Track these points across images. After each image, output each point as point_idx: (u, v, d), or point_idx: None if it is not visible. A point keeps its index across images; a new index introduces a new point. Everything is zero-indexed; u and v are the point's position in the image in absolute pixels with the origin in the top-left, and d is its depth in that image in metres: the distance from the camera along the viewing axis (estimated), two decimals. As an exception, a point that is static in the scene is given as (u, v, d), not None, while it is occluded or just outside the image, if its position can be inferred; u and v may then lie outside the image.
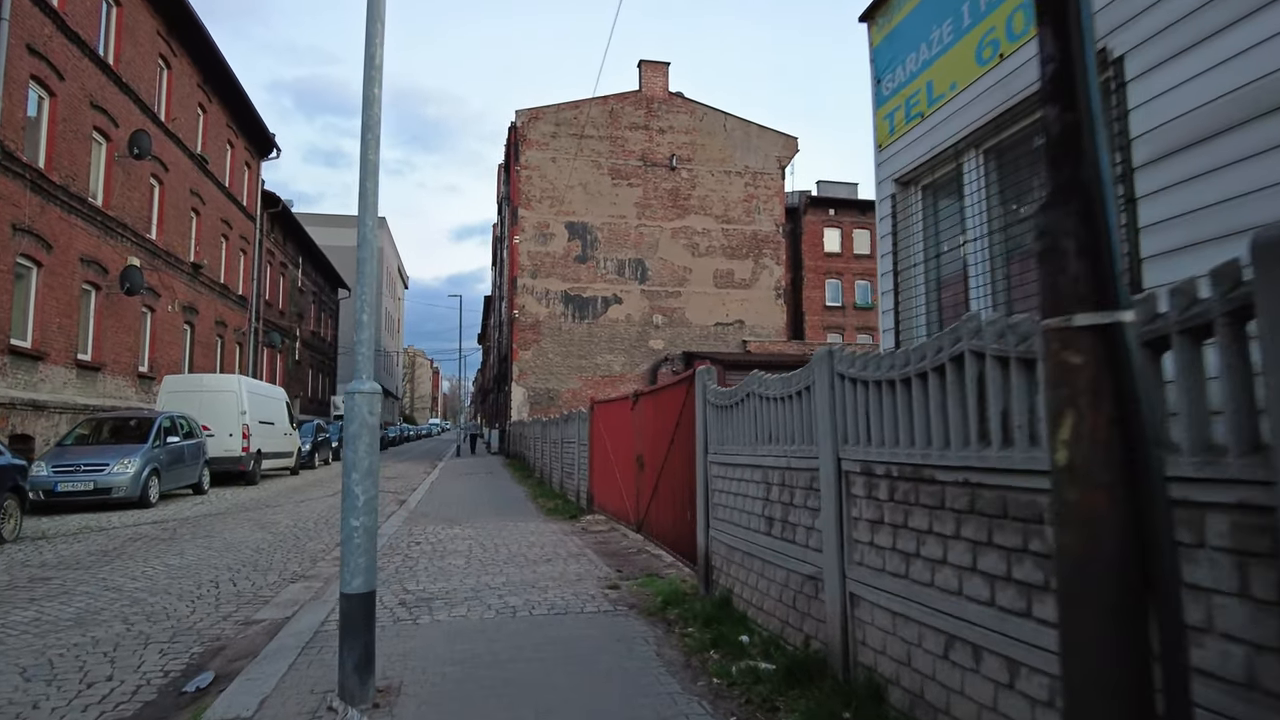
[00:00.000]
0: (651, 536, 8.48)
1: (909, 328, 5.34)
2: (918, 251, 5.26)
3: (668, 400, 7.59)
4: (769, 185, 35.79)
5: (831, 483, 3.89)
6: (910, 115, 5.21)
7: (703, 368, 6.21)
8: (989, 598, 2.76)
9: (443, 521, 11.51)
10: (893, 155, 5.49)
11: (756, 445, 5.01)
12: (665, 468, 7.67)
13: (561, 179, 33.05)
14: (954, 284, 4.95)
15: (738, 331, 34.40)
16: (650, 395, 8.47)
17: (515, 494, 16.30)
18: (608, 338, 33.31)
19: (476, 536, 9.85)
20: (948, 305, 5.10)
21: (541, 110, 33.52)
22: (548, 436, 17.96)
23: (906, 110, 5.27)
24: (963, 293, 4.70)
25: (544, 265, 32.95)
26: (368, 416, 4.04)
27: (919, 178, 5.33)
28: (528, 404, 32.32)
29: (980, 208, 4.56)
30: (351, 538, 3.97)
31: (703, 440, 6.13)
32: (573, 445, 13.89)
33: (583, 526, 10.77)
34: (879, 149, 5.69)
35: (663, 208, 34.24)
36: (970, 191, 4.64)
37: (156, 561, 8.54)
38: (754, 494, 5.06)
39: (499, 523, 11.26)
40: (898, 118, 5.39)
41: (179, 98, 23.03)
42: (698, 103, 35.29)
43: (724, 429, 5.69)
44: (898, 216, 5.42)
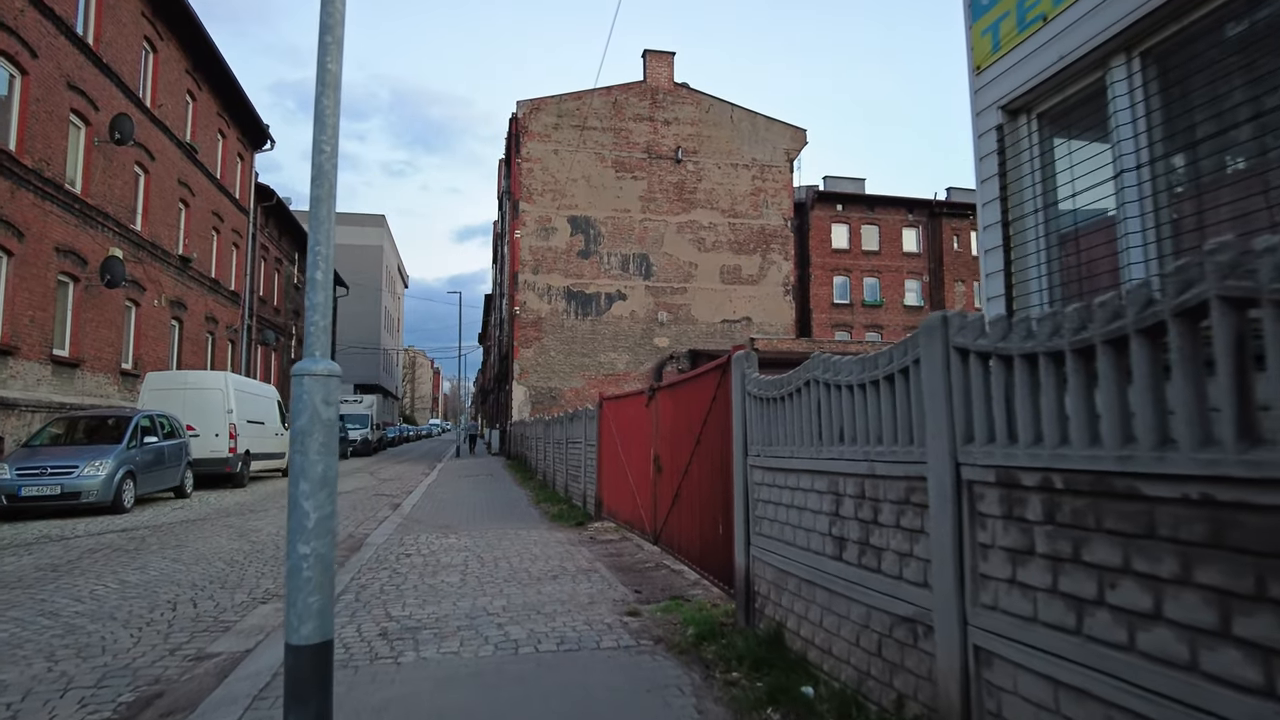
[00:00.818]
0: (671, 549, 7.48)
1: (1024, 293, 4.31)
2: (1034, 196, 4.23)
3: (692, 394, 6.59)
4: (777, 178, 34.80)
5: (947, 496, 2.89)
6: (1025, 22, 4.19)
7: (740, 352, 5.22)
8: (1261, 682, 1.77)
9: (438, 529, 10.52)
10: (998, 77, 4.46)
11: (820, 446, 4.01)
12: (689, 472, 6.67)
13: (564, 171, 32.06)
14: (1091, 235, 3.94)
15: (745, 329, 33.39)
16: (670, 389, 7.47)
17: (516, 498, 15.31)
18: (611, 335, 32.31)
19: (474, 547, 8.86)
20: (1075, 263, 4.08)
21: (543, 101, 32.54)
22: (550, 437, 16.97)
23: (1019, 16, 4.26)
24: (1103, 246, 3.70)
25: (545, 260, 31.96)
26: (321, 407, 3.03)
27: (1036, 102, 4.26)
28: (529, 403, 31.33)
29: (1133, 132, 3.55)
30: (300, 569, 2.95)
31: (741, 440, 5.13)
32: (578, 446, 12.90)
33: (591, 535, 9.77)
34: (977, 72, 4.65)
35: (668, 201, 33.25)
36: (1118, 111, 3.63)
37: (111, 578, 7.54)
38: (816, 506, 4.06)
39: (499, 531, 10.27)
40: (1005, 28, 4.37)
41: (166, 83, 22.05)
42: (704, 93, 34.31)
43: (771, 426, 4.69)
44: (1006, 153, 4.38)
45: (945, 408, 2.90)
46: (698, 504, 6.41)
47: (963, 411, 2.86)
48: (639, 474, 8.75)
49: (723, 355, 5.58)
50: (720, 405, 5.71)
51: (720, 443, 5.71)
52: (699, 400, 6.33)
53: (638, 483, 8.80)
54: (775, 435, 4.63)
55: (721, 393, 5.68)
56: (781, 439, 4.54)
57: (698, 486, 6.40)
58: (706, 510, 6.14)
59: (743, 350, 5.22)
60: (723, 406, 5.64)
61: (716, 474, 5.81)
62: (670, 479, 7.35)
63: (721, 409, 5.68)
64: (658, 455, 7.90)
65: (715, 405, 5.85)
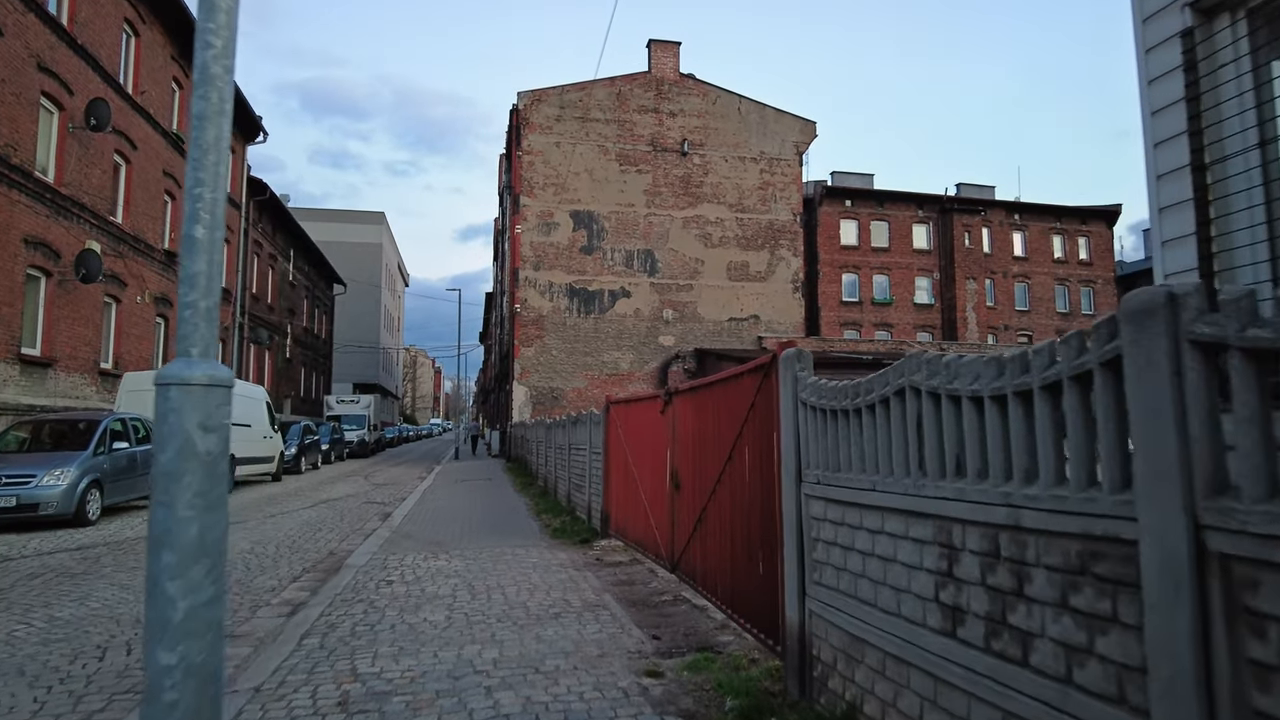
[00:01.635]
0: (692, 580, 6.42)
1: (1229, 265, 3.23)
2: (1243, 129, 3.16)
3: (721, 400, 5.53)
4: (786, 172, 33.72)
5: (1179, 575, 1.83)
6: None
7: (790, 350, 4.16)
8: None
9: (428, 547, 9.47)
10: (1182, -39, 3.39)
11: (921, 479, 2.96)
12: (717, 494, 5.61)
13: (566, 165, 31.00)
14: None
15: (753, 327, 32.33)
16: (691, 394, 6.41)
17: (515, 507, 14.25)
18: (615, 333, 31.25)
19: (465, 571, 7.80)
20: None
21: (545, 92, 31.48)
22: (552, 440, 15.93)
23: None
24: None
25: (547, 256, 30.89)
26: (197, 435, 1.97)
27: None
28: (530, 404, 30.28)
29: None
30: (160, 690, 1.88)
31: (792, 461, 4.08)
32: (582, 452, 11.85)
33: (597, 556, 8.71)
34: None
35: (673, 195, 32.18)
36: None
37: (41, 613, 6.49)
38: (913, 560, 3.00)
39: (495, 548, 9.21)
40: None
41: (149, 70, 21.01)
42: (710, 84, 33.23)
43: (838, 446, 3.64)
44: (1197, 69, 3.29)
45: (1176, 435, 1.84)
46: (728, 533, 5.35)
47: (1207, 442, 1.80)
48: (653, 489, 7.69)
49: (731, 354, 4.51)
50: (760, 416, 4.66)
51: (760, 462, 4.65)
52: (731, 408, 5.27)
53: (651, 499, 7.74)
54: (844, 458, 3.57)
55: (763, 400, 4.62)
56: (854, 464, 3.48)
57: (729, 512, 5.34)
58: (740, 542, 5.08)
59: (793, 347, 4.16)
60: (764, 417, 4.58)
61: (755, 500, 4.76)
62: (692, 499, 6.29)
63: (762, 420, 4.62)
64: (676, 470, 6.84)
65: (754, 415, 4.79)
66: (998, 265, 48.08)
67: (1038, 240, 49.12)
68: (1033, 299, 48.53)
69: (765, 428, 4.55)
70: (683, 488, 6.61)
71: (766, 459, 4.51)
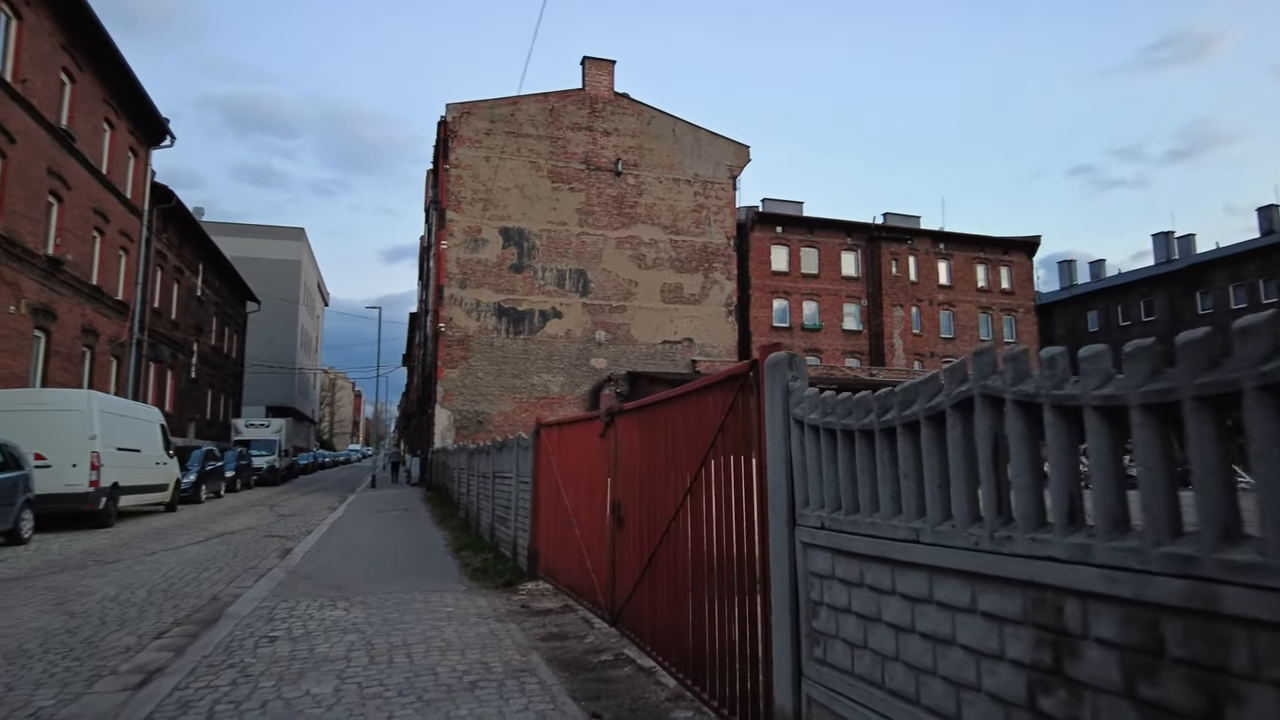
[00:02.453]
0: (637, 636, 5.39)
1: None
2: None
3: (680, 419, 4.57)
4: (720, 195, 33.33)
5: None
6: None
7: (779, 354, 3.24)
8: None
9: (327, 591, 8.19)
10: None
11: (1004, 527, 2.04)
12: (674, 532, 4.62)
13: (495, 180, 29.88)
14: None
15: (686, 350, 31.63)
16: (640, 414, 5.43)
17: (433, 543, 12.96)
18: (545, 355, 30.09)
19: (366, 624, 6.59)
20: None
21: (475, 105, 30.37)
22: (475, 468, 14.69)
23: None
24: None
25: (475, 274, 29.60)
26: None
27: None
28: (453, 428, 28.78)
29: None
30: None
31: (783, 497, 3.13)
32: (508, 481, 10.71)
33: (523, 603, 7.58)
34: None
35: (607, 215, 31.37)
36: None
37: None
38: (985, 644, 2.08)
39: (405, 594, 8.00)
40: None
41: (32, 56, 19.12)
42: (645, 104, 32.70)
43: (854, 479, 2.72)
44: None
45: None
46: (687, 582, 4.36)
47: None
48: (590, 525, 6.66)
49: (665, 377, 3.57)
50: (734, 438, 3.71)
51: (734, 497, 3.69)
52: (691, 430, 4.31)
53: (588, 536, 6.70)
54: (866, 496, 2.64)
55: (737, 419, 3.67)
56: (883, 504, 2.55)
57: (689, 556, 4.36)
58: (704, 595, 4.10)
59: (781, 352, 3.22)
60: (739, 440, 3.64)
61: (726, 544, 3.79)
62: (639, 538, 5.29)
63: (736, 444, 3.67)
64: (618, 503, 5.83)
65: (723, 438, 3.84)
66: (923, 293, 48.82)
67: (962, 269, 50.12)
68: (957, 326, 49.37)
69: (740, 453, 3.60)
70: (627, 524, 5.60)
71: (744, 492, 3.56)
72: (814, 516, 2.96)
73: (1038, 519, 1.95)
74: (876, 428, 2.56)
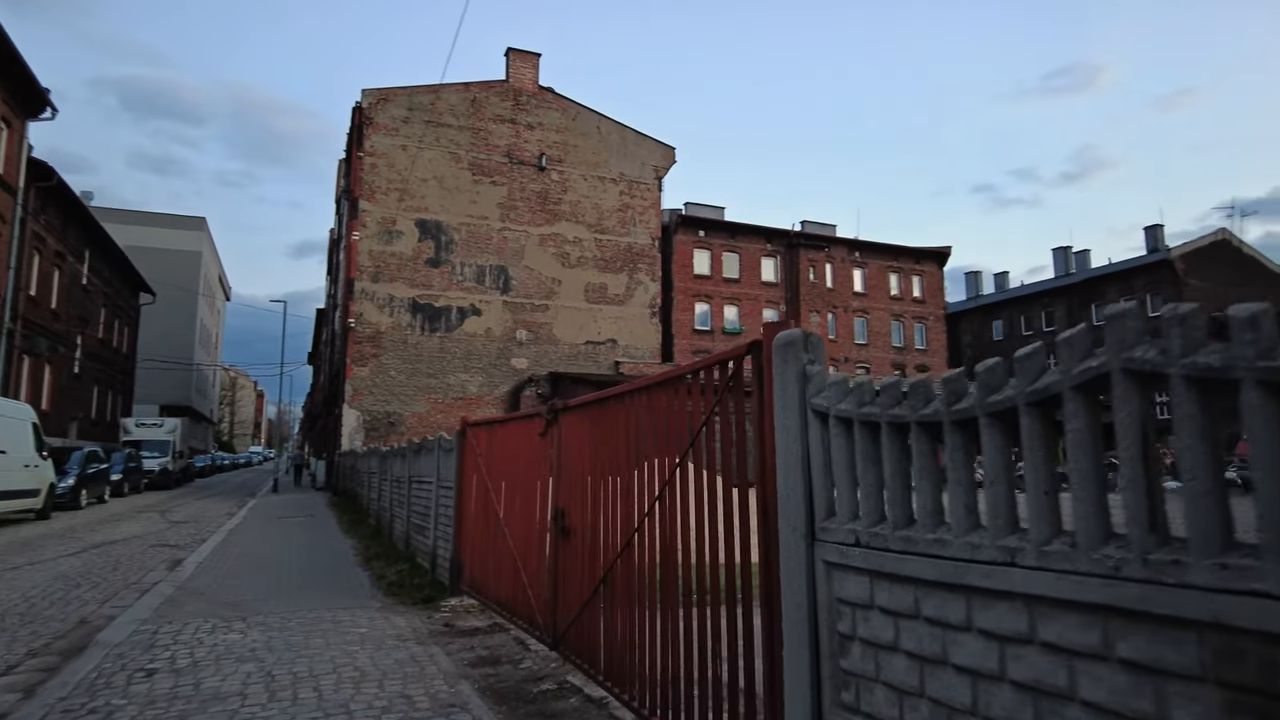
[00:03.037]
0: (587, 663, 4.74)
1: None
2: None
3: (645, 415, 3.95)
4: (645, 196, 32.90)
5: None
6: None
7: (793, 331, 2.65)
8: None
9: (220, 610, 7.22)
10: None
11: (1162, 549, 1.50)
12: (637, 546, 3.99)
13: (413, 170, 28.64)
14: None
15: (610, 351, 31.03)
16: (592, 409, 4.78)
17: (341, 553, 11.95)
18: (463, 354, 28.98)
19: (266, 650, 5.72)
20: None
21: (392, 91, 29.05)
22: (389, 472, 13.72)
23: None
24: None
25: (389, 267, 28.27)
26: None
27: None
28: (362, 430, 27.37)
29: None
30: None
31: (799, 508, 2.55)
32: (427, 487, 9.87)
33: (446, 621, 6.81)
34: None
35: (530, 211, 30.50)
36: None
37: None
38: (1110, 699, 1.54)
39: (311, 612, 7.11)
40: None
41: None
42: (570, 100, 31.99)
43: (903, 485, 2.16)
44: None
45: None
46: (652, 603, 3.74)
47: None
48: (526, 535, 5.97)
49: (589, 378, 2.98)
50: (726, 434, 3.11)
51: (722, 507, 3.10)
52: (663, 426, 3.70)
53: (523, 548, 6.00)
54: (924, 506, 2.08)
55: (726, 411, 3.08)
56: (951, 515, 1.99)
57: (655, 574, 3.74)
58: (677, 620, 3.49)
59: (794, 329, 2.65)
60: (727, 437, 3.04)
61: (713, 561, 3.19)
62: (590, 551, 4.64)
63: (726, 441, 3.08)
64: (562, 511, 5.17)
65: (708, 435, 3.24)
66: (839, 300, 49.68)
67: (876, 277, 51.22)
68: (871, 333, 50.40)
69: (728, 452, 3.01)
70: (574, 534, 4.94)
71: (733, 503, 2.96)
72: (843, 531, 2.39)
73: (1223, 539, 1.42)
74: (946, 419, 2.01)
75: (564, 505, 5.14)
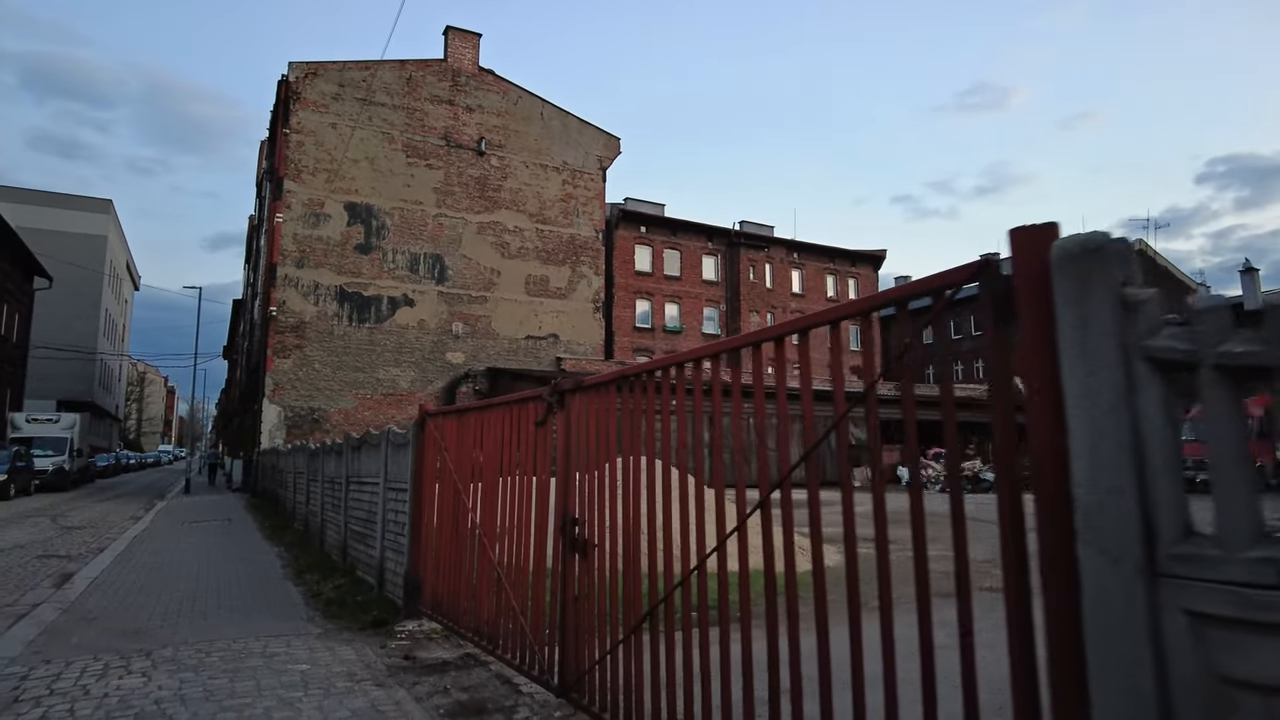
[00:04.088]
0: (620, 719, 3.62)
1: None
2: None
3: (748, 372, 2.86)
4: (589, 186, 31.74)
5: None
6: None
7: (1086, 238, 1.60)
8: None
9: (117, 641, 5.82)
10: None
11: None
12: (716, 567, 2.90)
13: (342, 150, 26.80)
14: None
15: (551, 347, 29.74)
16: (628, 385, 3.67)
17: (266, 564, 10.48)
18: (394, 347, 27.27)
19: (176, 705, 4.40)
20: None
21: (322, 66, 27.14)
22: (319, 472, 12.25)
23: None
24: None
25: (314, 253, 26.36)
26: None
27: None
28: (284, 427, 25.42)
29: None
30: None
31: (1125, 515, 1.51)
32: (371, 488, 8.54)
33: (405, 652, 5.57)
34: None
35: (468, 197, 28.97)
36: None
37: None
38: None
39: (236, 642, 5.77)
40: None
41: None
42: (512, 83, 30.58)
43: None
44: None
45: None
46: (774, 656, 2.66)
47: None
48: (514, 548, 4.81)
49: (529, 374, 1.94)
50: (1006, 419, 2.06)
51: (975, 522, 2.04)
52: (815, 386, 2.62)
53: (512, 564, 4.84)
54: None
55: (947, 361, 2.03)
56: None
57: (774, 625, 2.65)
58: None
59: (1094, 234, 1.61)
60: (949, 407, 1.99)
61: (925, 614, 2.13)
62: (625, 574, 3.52)
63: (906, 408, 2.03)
64: (575, 520, 4.04)
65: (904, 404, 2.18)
66: (778, 300, 49.48)
67: (813, 279, 51.24)
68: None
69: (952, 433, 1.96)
70: (595, 550, 3.82)
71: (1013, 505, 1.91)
72: (1236, 563, 1.36)
73: None
74: None
75: (579, 513, 4.01)
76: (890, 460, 26.76)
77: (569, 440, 4.21)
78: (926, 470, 27.37)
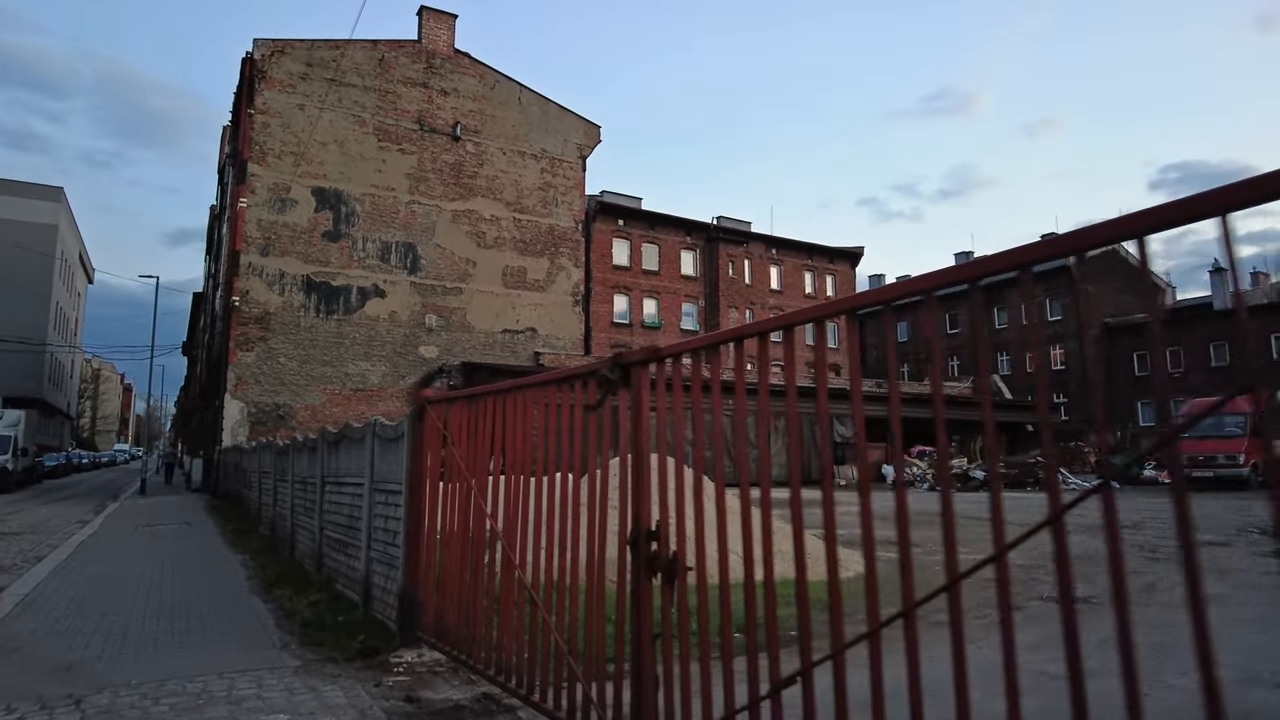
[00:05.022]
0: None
1: None
2: None
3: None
4: (568, 175, 30.64)
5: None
6: None
7: None
8: None
9: (41, 682, 4.69)
10: None
11: None
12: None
13: (310, 132, 25.42)
14: None
15: (529, 341, 28.61)
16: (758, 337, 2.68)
17: (229, 572, 9.31)
18: (364, 340, 25.96)
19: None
20: None
21: (290, 44, 25.74)
22: (291, 471, 11.07)
23: None
24: None
25: (280, 240, 24.97)
26: None
27: None
28: (247, 423, 24.02)
29: None
30: None
31: None
32: (353, 489, 7.44)
33: (407, 692, 4.51)
34: None
35: (442, 184, 27.73)
36: None
37: None
38: None
39: (193, 680, 4.67)
40: None
41: None
42: (489, 67, 29.40)
43: None
44: None
45: None
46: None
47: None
48: (563, 568, 3.80)
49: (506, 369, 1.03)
50: None
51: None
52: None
53: (560, 588, 3.82)
54: None
55: None
56: None
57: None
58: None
59: None
60: None
61: None
62: (739, 606, 2.53)
63: None
64: (650, 533, 3.04)
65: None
66: (756, 296, 48.77)
67: (791, 275, 50.63)
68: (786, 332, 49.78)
69: None
70: (684, 573, 2.83)
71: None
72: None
73: None
74: None
75: (660, 521, 3.01)
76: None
77: (638, 428, 3.21)
78: (911, 468, 26.72)
